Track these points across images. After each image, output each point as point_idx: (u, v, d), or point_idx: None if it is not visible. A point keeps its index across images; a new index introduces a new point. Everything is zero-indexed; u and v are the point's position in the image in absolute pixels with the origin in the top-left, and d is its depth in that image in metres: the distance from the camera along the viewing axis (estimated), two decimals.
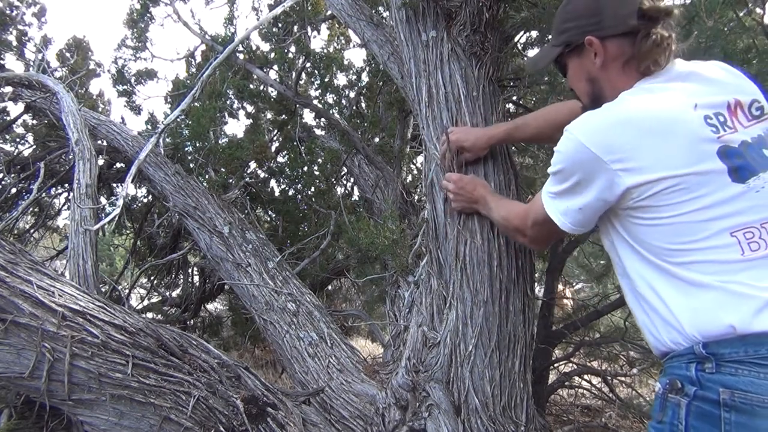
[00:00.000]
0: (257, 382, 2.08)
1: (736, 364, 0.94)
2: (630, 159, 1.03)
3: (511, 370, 1.83)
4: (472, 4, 1.99)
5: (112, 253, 7.43)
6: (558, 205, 1.19)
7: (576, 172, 1.11)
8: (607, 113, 1.09)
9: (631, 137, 1.04)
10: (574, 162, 1.10)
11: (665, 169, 1.01)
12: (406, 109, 3.89)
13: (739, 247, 0.99)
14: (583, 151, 1.07)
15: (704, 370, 0.97)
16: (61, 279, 2.06)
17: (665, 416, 1.00)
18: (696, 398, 0.96)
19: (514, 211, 1.47)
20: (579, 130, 1.10)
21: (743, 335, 0.94)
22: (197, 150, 3.90)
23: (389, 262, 2.90)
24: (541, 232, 1.33)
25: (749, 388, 0.91)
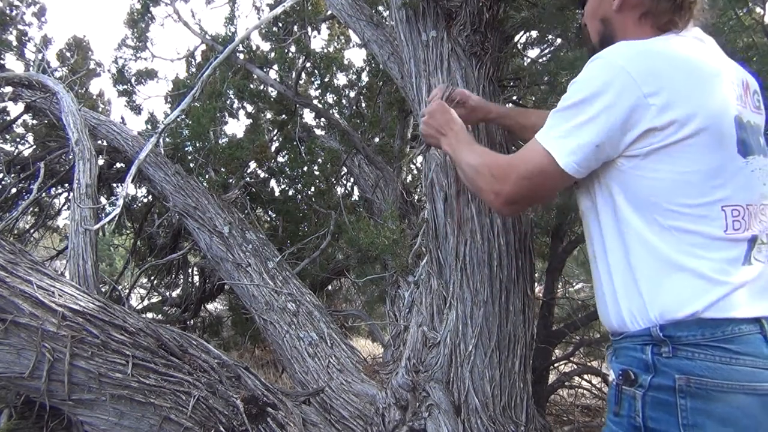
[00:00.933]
0: (257, 382, 2.08)
1: (693, 347, 0.93)
2: (666, 94, 0.96)
3: (511, 370, 1.83)
4: (472, 4, 1.99)
5: (112, 253, 7.43)
6: (567, 142, 1.04)
7: (604, 99, 0.99)
8: (646, 43, 1.02)
9: (669, 72, 0.98)
10: (606, 86, 0.99)
11: (695, 115, 0.96)
12: (406, 109, 3.90)
13: (724, 223, 0.97)
14: (618, 74, 0.98)
15: (660, 354, 0.95)
16: (61, 279, 2.06)
17: (622, 409, 0.99)
18: (651, 388, 0.95)
19: (490, 159, 1.22)
20: (617, 53, 1.01)
21: (701, 319, 0.94)
22: (197, 150, 3.90)
23: (389, 262, 2.90)
24: (526, 187, 1.11)
25: (705, 372, 0.91)
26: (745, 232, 0.98)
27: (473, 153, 1.28)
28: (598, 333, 3.70)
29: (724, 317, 0.94)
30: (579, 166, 1.04)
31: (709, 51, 1.07)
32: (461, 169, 1.31)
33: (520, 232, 1.89)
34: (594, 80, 1.01)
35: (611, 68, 0.99)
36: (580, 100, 1.03)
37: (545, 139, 1.07)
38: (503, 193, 1.14)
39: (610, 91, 0.98)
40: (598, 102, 1.00)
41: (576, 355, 3.74)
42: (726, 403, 0.90)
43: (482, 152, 1.29)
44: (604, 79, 0.99)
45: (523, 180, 1.11)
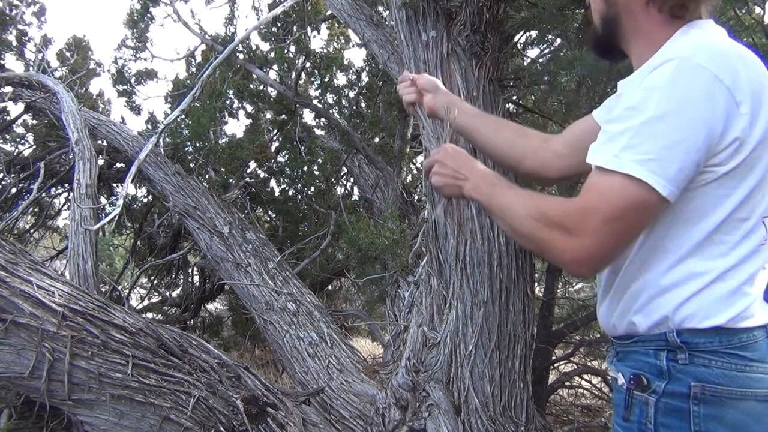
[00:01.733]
0: (257, 382, 2.08)
1: (710, 354, 0.91)
2: (748, 98, 0.85)
3: (511, 370, 1.83)
4: (472, 4, 1.99)
5: (112, 253, 7.43)
6: (666, 166, 0.83)
7: (697, 110, 0.83)
8: (722, 44, 0.91)
9: (748, 75, 0.86)
10: (698, 95, 0.84)
11: (762, 123, 0.87)
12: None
13: (765, 235, 0.92)
14: (709, 81, 0.83)
15: (676, 360, 0.92)
16: (61, 279, 2.06)
17: (632, 414, 0.96)
18: (665, 395, 0.92)
19: (549, 205, 0.96)
20: (701, 56, 0.85)
21: (720, 327, 0.91)
22: (197, 150, 3.90)
23: (389, 262, 2.90)
24: (616, 233, 0.87)
25: (721, 380, 0.89)
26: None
27: (519, 198, 1.00)
28: (598, 333, 3.70)
29: (743, 327, 0.92)
30: (678, 189, 0.86)
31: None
32: (504, 219, 1.03)
33: None
34: (681, 87, 0.84)
35: (699, 72, 0.84)
36: (667, 112, 0.84)
37: (630, 165, 0.84)
38: (585, 247, 0.88)
39: (704, 99, 0.83)
40: (693, 113, 0.83)
41: (576, 355, 3.74)
42: (738, 410, 0.89)
43: (531, 196, 1.00)
44: (695, 86, 0.84)
45: (611, 224, 0.86)
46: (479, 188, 1.10)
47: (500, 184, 1.07)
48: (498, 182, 1.08)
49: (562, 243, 0.90)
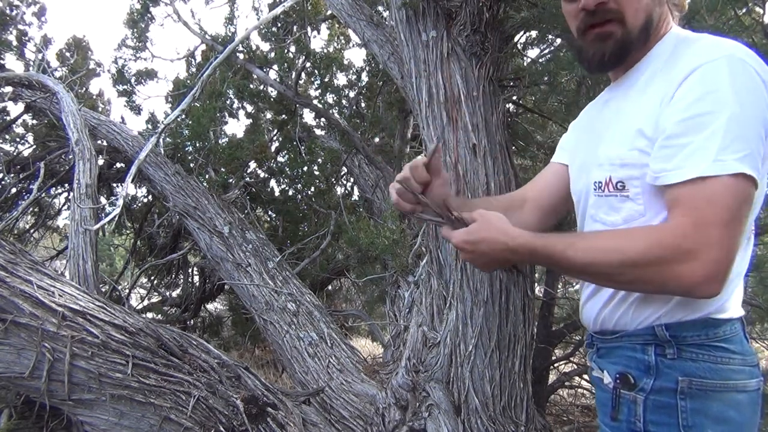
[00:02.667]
0: (257, 382, 2.08)
1: (697, 348, 0.91)
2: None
3: (511, 370, 1.83)
4: (472, 4, 1.99)
5: (112, 253, 7.43)
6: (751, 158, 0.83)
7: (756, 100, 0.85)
8: (744, 48, 0.91)
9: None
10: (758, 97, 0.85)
11: None
12: (406, 109, 3.90)
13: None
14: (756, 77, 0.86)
15: (665, 355, 0.92)
16: (61, 279, 2.06)
17: (620, 414, 0.96)
18: (653, 392, 0.92)
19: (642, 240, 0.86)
20: (741, 52, 0.87)
21: (707, 319, 0.92)
22: (197, 150, 3.90)
23: (389, 262, 2.90)
24: (736, 234, 0.83)
25: (707, 374, 0.90)
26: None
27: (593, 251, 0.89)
28: None
29: (726, 317, 0.93)
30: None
31: None
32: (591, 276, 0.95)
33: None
34: (742, 82, 0.85)
35: (747, 67, 0.86)
36: (742, 107, 0.84)
37: (735, 164, 0.82)
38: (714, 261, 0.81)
39: (761, 91, 0.85)
40: (758, 104, 0.85)
41: (576, 355, 3.74)
42: (721, 402, 0.91)
43: (614, 242, 0.90)
44: (751, 79, 0.85)
45: (731, 227, 0.82)
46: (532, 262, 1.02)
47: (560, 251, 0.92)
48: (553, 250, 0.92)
49: (689, 270, 0.82)
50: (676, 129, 0.86)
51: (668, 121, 0.87)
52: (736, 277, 0.93)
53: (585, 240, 0.94)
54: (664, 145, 0.87)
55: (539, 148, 3.32)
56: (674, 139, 0.86)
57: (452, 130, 1.91)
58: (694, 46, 0.93)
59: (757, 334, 3.33)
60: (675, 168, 0.85)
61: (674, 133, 0.86)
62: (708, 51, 0.89)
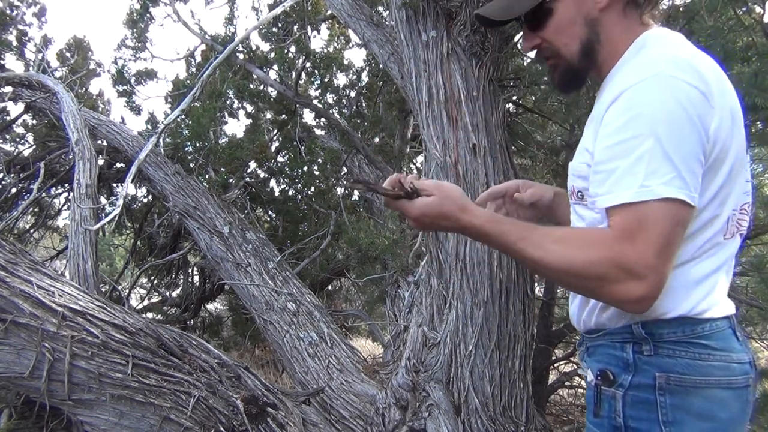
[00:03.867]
0: (257, 382, 2.08)
1: (674, 344, 0.93)
2: (715, 103, 0.87)
3: (511, 370, 1.83)
4: (472, 4, 1.99)
5: (112, 253, 7.43)
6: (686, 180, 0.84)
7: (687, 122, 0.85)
8: (685, 52, 0.92)
9: (712, 80, 0.89)
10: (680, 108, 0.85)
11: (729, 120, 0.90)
12: (406, 109, 3.90)
13: (726, 227, 0.95)
14: (688, 92, 0.86)
15: (642, 352, 0.94)
16: (61, 279, 2.06)
17: (602, 410, 0.98)
18: (631, 387, 0.94)
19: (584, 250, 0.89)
20: (673, 69, 0.87)
21: (683, 317, 0.93)
22: (197, 150, 3.90)
23: (389, 262, 2.90)
24: (670, 255, 0.86)
25: (685, 370, 0.92)
26: (736, 235, 0.99)
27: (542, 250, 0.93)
28: None
29: (706, 317, 0.94)
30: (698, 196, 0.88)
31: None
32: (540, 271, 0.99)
33: None
34: (668, 102, 0.85)
35: (676, 84, 0.86)
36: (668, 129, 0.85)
37: (662, 189, 0.83)
38: (650, 284, 0.85)
39: (690, 107, 0.85)
40: (687, 123, 0.85)
41: (576, 355, 3.74)
42: (703, 398, 0.92)
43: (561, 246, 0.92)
44: (679, 97, 0.85)
45: (666, 250, 0.85)
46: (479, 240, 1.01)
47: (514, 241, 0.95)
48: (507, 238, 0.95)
49: (624, 290, 0.85)
50: (605, 154, 0.88)
51: (599, 146, 0.90)
52: (704, 279, 0.95)
53: (538, 236, 0.94)
54: (596, 170, 0.90)
55: (539, 148, 3.32)
56: (604, 164, 0.88)
57: (452, 130, 1.91)
58: (629, 64, 0.95)
59: (758, 334, 3.33)
60: (606, 193, 0.88)
61: (604, 158, 0.89)
62: (637, 71, 0.90)
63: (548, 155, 3.32)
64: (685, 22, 1.78)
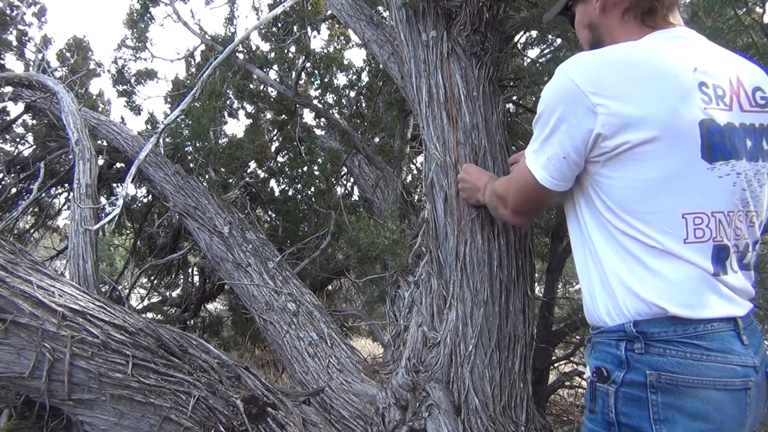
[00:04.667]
0: (257, 382, 2.08)
1: (664, 343, 0.95)
2: (612, 99, 0.96)
3: (511, 370, 1.83)
4: (472, 4, 1.99)
5: (112, 253, 7.43)
6: (539, 157, 1.10)
7: (558, 110, 1.03)
8: (600, 53, 1.04)
9: (618, 79, 0.98)
10: (557, 97, 1.03)
11: (643, 121, 0.95)
12: (406, 109, 3.89)
13: (685, 231, 0.96)
14: (567, 85, 1.01)
15: (633, 350, 0.97)
16: (61, 279, 2.06)
17: (596, 406, 1.01)
18: (623, 384, 0.97)
19: (496, 183, 1.42)
20: (567, 65, 1.04)
21: (674, 317, 0.95)
22: (197, 150, 3.90)
23: (389, 262, 2.90)
24: (522, 199, 1.25)
25: (675, 369, 0.93)
26: (709, 240, 0.97)
27: (490, 186, 1.48)
28: None
29: (698, 318, 0.95)
30: (554, 179, 1.10)
31: (683, 50, 1.03)
32: (487, 202, 1.53)
33: (520, 232, 1.89)
34: (548, 92, 1.06)
35: (560, 79, 1.03)
36: (541, 113, 1.07)
37: (527, 155, 1.14)
38: (508, 206, 1.31)
39: (561, 102, 1.02)
40: (555, 115, 1.04)
41: (576, 355, 3.74)
42: (696, 399, 0.92)
43: (495, 182, 1.46)
44: (556, 91, 1.04)
45: (517, 194, 1.26)
46: (483, 193, 1.59)
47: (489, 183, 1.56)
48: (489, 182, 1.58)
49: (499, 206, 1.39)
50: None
51: None
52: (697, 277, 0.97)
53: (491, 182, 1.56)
54: None
55: None
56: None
57: (452, 130, 1.91)
58: None
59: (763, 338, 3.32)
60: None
61: None
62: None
63: None
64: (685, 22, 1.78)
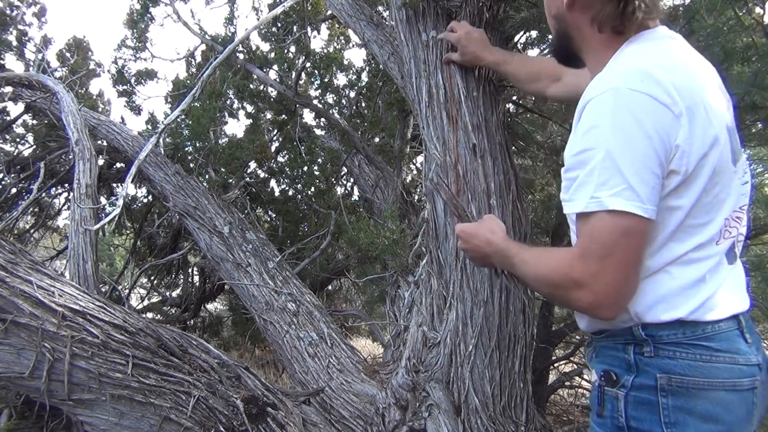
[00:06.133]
0: (257, 382, 2.08)
1: (674, 346, 0.94)
2: (685, 112, 0.88)
3: (511, 370, 1.83)
4: (472, 4, 1.98)
5: (112, 253, 7.43)
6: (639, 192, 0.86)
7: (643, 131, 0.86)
8: (649, 59, 0.92)
9: (681, 86, 0.89)
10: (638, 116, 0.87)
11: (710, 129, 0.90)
12: (406, 109, 3.89)
13: (719, 234, 0.96)
14: (650, 104, 0.87)
15: (642, 353, 0.95)
16: (61, 279, 2.06)
17: (605, 410, 0.99)
18: (633, 388, 0.95)
19: (551, 266, 1.00)
20: (625, 80, 0.89)
21: (683, 320, 0.94)
22: (197, 150, 3.90)
23: (389, 262, 2.90)
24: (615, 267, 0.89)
25: (686, 371, 0.92)
26: (729, 238, 0.99)
27: (526, 265, 1.09)
28: None
29: (706, 319, 0.94)
30: (655, 207, 0.90)
31: (691, 53, 1.01)
32: (531, 284, 1.17)
33: (521, 232, 1.89)
34: (624, 115, 0.87)
35: (635, 97, 0.87)
36: (622, 142, 0.87)
37: (609, 200, 0.87)
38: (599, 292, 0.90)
39: (648, 121, 0.86)
40: (643, 136, 0.86)
41: (576, 355, 3.74)
42: (707, 400, 0.92)
43: (537, 265, 1.06)
44: (636, 110, 0.87)
45: (607, 260, 0.89)
46: (501, 263, 1.22)
47: (512, 256, 1.15)
48: (509, 254, 1.16)
49: (578, 297, 0.93)
50: (569, 162, 0.95)
51: (568, 152, 0.96)
52: (699, 284, 0.95)
53: (527, 254, 1.12)
54: (564, 177, 0.96)
55: (539, 148, 3.32)
56: (569, 172, 0.95)
57: (452, 130, 1.91)
58: (599, 74, 0.97)
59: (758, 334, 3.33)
60: (569, 200, 0.95)
61: (568, 166, 0.95)
62: (599, 84, 0.93)
63: (548, 155, 3.32)
64: (685, 22, 1.78)
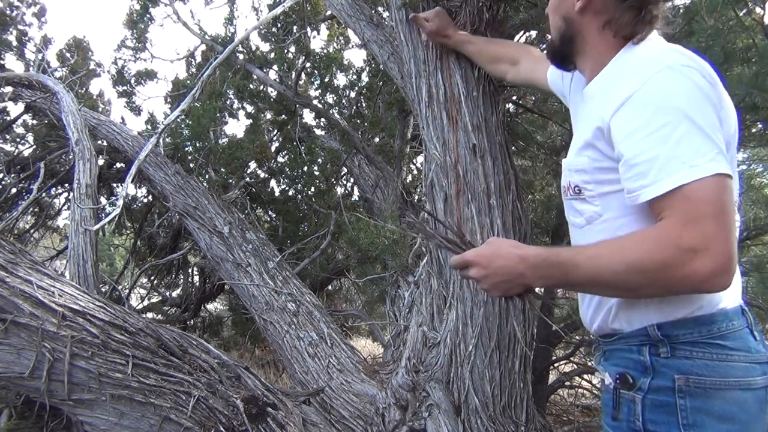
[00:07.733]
0: (257, 382, 2.08)
1: (690, 345, 0.93)
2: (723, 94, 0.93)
3: (511, 370, 1.83)
4: (472, 4, 1.98)
5: (112, 253, 7.43)
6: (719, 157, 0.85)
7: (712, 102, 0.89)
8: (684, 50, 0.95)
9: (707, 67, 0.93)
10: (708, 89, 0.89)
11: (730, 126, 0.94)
12: (406, 109, 3.89)
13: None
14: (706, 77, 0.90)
15: (659, 354, 0.94)
16: (61, 279, 2.06)
17: (621, 413, 0.98)
18: (650, 390, 0.94)
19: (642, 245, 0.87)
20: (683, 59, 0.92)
21: (697, 316, 0.93)
22: (197, 150, 3.90)
23: (389, 262, 2.90)
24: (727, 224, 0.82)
25: (703, 371, 0.91)
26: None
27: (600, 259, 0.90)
28: None
29: (717, 310, 0.94)
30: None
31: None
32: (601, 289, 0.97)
33: (520, 232, 1.89)
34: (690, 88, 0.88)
35: (692, 72, 0.89)
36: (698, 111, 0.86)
37: (711, 165, 0.83)
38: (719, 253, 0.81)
39: (710, 92, 0.89)
40: (709, 105, 0.88)
41: (576, 355, 3.74)
42: (724, 400, 0.91)
43: (617, 250, 0.90)
44: (699, 82, 0.88)
45: (720, 217, 0.82)
46: (546, 275, 0.97)
47: (569, 259, 0.94)
48: (561, 259, 0.95)
49: (698, 266, 0.81)
50: (638, 147, 0.88)
51: (627, 143, 0.90)
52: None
53: (592, 250, 0.93)
54: (634, 164, 0.89)
55: (539, 148, 3.32)
56: (640, 156, 0.88)
57: (452, 130, 1.91)
58: (635, 63, 0.98)
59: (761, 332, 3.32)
60: (653, 182, 0.86)
61: (638, 151, 0.88)
62: (642, 70, 0.93)
63: (548, 155, 3.32)
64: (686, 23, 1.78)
